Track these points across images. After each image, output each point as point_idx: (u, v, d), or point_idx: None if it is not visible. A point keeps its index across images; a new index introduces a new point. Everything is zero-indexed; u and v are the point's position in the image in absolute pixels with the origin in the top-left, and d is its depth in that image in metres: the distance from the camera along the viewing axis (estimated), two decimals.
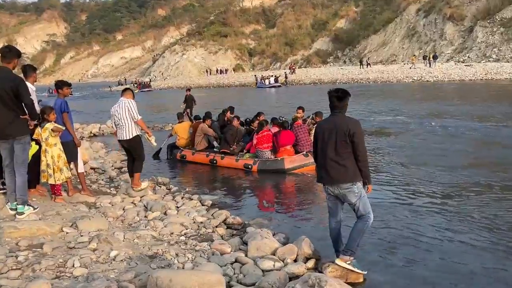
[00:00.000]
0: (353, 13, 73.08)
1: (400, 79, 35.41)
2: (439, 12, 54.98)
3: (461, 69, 36.21)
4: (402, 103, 19.40)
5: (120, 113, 6.64)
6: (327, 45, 71.67)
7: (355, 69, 49.11)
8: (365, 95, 25.57)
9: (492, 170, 7.58)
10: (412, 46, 56.30)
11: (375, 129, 12.79)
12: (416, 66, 41.13)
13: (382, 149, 10.09)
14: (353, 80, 38.68)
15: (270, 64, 77.14)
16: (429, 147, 9.95)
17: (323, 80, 41.63)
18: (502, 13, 48.58)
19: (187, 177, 9.27)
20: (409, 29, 58.34)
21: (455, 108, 16.34)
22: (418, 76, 35.18)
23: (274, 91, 37.40)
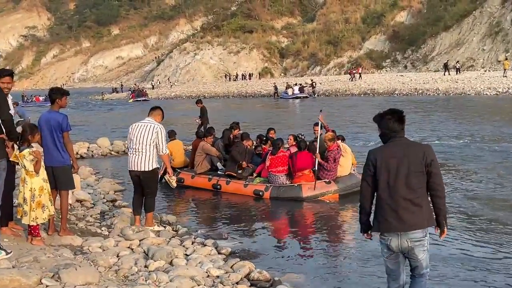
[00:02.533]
0: (418, 4, 73.15)
1: (479, 91, 35.03)
2: None
3: None
4: (479, 123, 19.18)
5: (143, 137, 6.90)
6: (382, 45, 71.80)
7: (420, 76, 48.87)
8: (430, 110, 25.39)
9: None
10: (496, 48, 55.76)
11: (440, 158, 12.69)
12: (508, 74, 40.58)
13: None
14: (417, 91, 38.52)
15: (308, 68, 77.61)
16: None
17: (376, 90, 41.58)
18: None
19: (187, 208, 9.52)
20: (492, 25, 57.88)
21: None
22: (504, 87, 34.72)
23: (299, 103, 37.83)
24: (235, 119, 12.95)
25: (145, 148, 6.89)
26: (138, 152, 6.93)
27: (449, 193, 9.22)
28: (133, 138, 6.98)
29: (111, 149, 16.50)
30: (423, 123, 20.24)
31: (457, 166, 11.89)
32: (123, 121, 25.75)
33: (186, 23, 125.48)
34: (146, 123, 7.02)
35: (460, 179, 10.51)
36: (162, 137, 6.94)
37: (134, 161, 7.00)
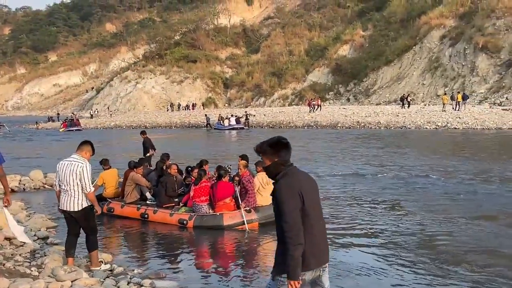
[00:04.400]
0: (360, 38, 75.63)
1: (419, 124, 36.32)
2: (469, 40, 57.40)
3: (497, 114, 37.41)
4: (417, 157, 19.85)
5: (69, 176, 6.78)
6: (326, 78, 73.57)
7: (362, 109, 50.27)
8: (369, 144, 26.09)
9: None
10: (435, 82, 58.19)
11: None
12: (446, 109, 42.36)
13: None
14: (359, 124, 39.52)
15: (252, 99, 78.44)
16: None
17: (319, 123, 42.40)
18: None
19: (119, 242, 9.58)
20: (431, 60, 60.48)
21: (486, 167, 16.80)
22: (443, 121, 36.17)
23: (235, 134, 38.22)
24: (174, 150, 13.08)
25: (72, 188, 6.78)
26: (66, 191, 6.82)
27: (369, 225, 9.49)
28: (61, 177, 6.86)
29: (44, 182, 15.99)
30: (361, 156, 20.76)
31: (382, 199, 12.23)
32: (59, 152, 25.12)
33: (127, 51, 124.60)
34: (71, 161, 6.86)
35: (386, 210, 10.85)
36: (87, 175, 6.79)
37: (63, 201, 6.89)
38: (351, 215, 10.66)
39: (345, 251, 8.29)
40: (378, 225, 9.75)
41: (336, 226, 9.78)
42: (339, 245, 8.52)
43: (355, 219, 10.32)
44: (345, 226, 9.81)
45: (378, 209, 11.12)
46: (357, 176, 15.56)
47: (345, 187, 13.79)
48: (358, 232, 9.37)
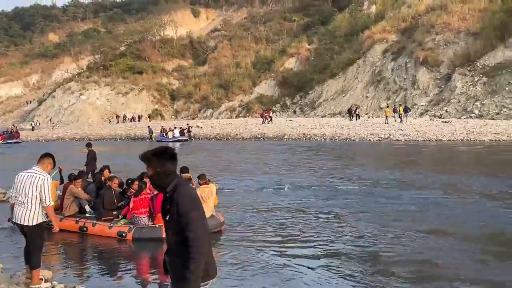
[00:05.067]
0: (306, 51, 76.86)
1: (363, 136, 37.03)
2: (411, 55, 59.24)
3: (437, 126, 38.60)
4: (366, 168, 20.21)
5: (28, 188, 6.59)
6: (272, 90, 74.21)
7: (308, 121, 50.87)
8: (319, 156, 26.40)
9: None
10: (378, 95, 59.65)
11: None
12: (389, 121, 43.42)
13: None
14: (305, 136, 39.93)
15: (199, 110, 78.17)
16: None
17: (266, 135, 42.60)
18: (483, 59, 53.21)
19: (58, 257, 9.38)
20: (375, 74, 62.00)
21: (420, 177, 17.26)
22: (385, 133, 37.02)
23: (179, 146, 37.99)
24: (116, 162, 12.84)
25: (30, 201, 6.59)
26: (22, 204, 6.62)
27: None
28: (19, 189, 6.65)
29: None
30: (314, 168, 20.96)
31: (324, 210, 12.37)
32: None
33: (71, 62, 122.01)
34: (32, 173, 6.67)
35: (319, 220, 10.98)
36: (47, 188, 6.62)
37: (17, 213, 6.67)
38: (295, 225, 10.69)
39: (286, 260, 8.30)
40: (321, 236, 9.81)
41: (280, 237, 9.80)
42: (278, 254, 8.54)
43: (300, 229, 10.36)
44: (288, 237, 9.84)
45: (323, 220, 11.20)
46: (308, 188, 15.65)
47: (296, 198, 13.84)
48: (300, 244, 9.40)
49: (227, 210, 12.24)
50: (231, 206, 12.88)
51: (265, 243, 9.46)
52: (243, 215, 11.96)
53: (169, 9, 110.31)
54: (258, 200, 13.85)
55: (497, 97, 48.93)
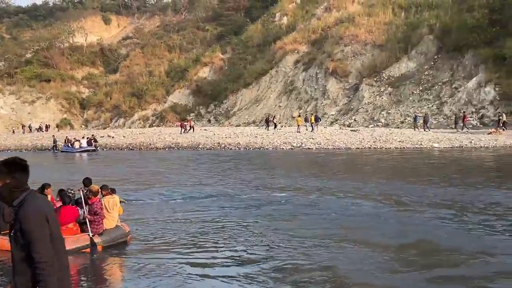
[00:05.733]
0: (220, 60, 77.17)
1: (276, 145, 37.62)
2: (321, 65, 61.00)
3: (346, 135, 39.92)
4: (277, 175, 20.51)
5: None
6: (186, 99, 73.86)
7: (222, 130, 51.00)
8: (235, 165, 26.53)
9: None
10: (291, 105, 60.91)
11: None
12: (301, 130, 44.36)
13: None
14: (219, 145, 40.00)
15: (111, 120, 76.34)
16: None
17: (181, 144, 42.28)
18: (389, 70, 55.76)
19: None
20: (287, 83, 63.28)
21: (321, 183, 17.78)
22: (298, 142, 37.80)
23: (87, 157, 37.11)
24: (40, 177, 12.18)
25: None
26: None
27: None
28: None
29: None
30: (230, 177, 20.99)
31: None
32: None
33: None
34: None
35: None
36: None
37: None
38: (206, 236, 10.64)
39: (191, 270, 8.26)
40: (231, 246, 9.80)
41: (188, 248, 9.72)
42: (184, 263, 8.47)
43: (210, 240, 10.32)
44: (195, 247, 9.77)
45: (235, 230, 11.22)
46: (226, 197, 15.63)
47: (207, 208, 13.76)
48: (208, 254, 9.36)
49: (136, 221, 12.03)
50: (140, 217, 12.66)
51: (172, 254, 9.41)
52: (152, 226, 11.78)
53: (78, 16, 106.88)
54: (169, 210, 13.69)
55: (401, 106, 51.40)
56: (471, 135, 37.22)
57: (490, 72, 47.56)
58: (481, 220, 11.07)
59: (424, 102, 50.68)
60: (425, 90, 51.94)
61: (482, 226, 10.51)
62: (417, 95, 51.92)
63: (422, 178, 18.61)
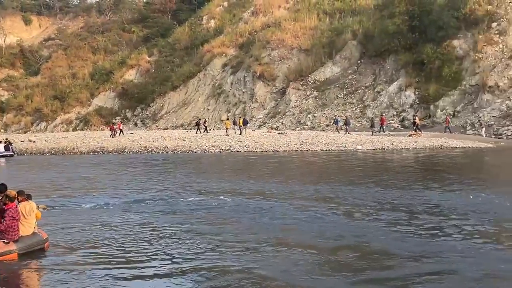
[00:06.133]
0: (146, 63, 76.06)
1: (205, 148, 37.45)
2: (248, 69, 61.39)
3: (274, 138, 40.31)
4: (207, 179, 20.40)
5: None
6: (112, 102, 72.28)
7: (149, 134, 50.22)
8: (150, 170, 26.17)
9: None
10: (219, 108, 60.93)
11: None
12: (229, 133, 44.38)
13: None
14: (146, 149, 39.33)
15: (32, 123, 73.51)
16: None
17: (106, 148, 41.22)
18: (314, 74, 56.91)
19: None
20: (215, 87, 63.28)
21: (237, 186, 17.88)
22: (226, 145, 37.79)
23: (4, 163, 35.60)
24: None
25: None
26: None
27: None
28: None
29: None
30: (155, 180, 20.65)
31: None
32: None
33: None
34: None
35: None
36: None
37: None
38: (126, 243, 10.37)
39: (107, 277, 8.04)
40: (156, 253, 9.59)
41: (106, 255, 9.46)
42: (99, 269, 8.24)
43: (132, 247, 10.08)
44: (114, 255, 9.51)
45: (162, 236, 11.01)
46: (157, 201, 15.31)
47: (130, 214, 13.45)
48: (127, 264, 9.14)
49: (61, 228, 11.58)
50: (66, 224, 12.17)
51: (95, 262, 9.05)
52: (77, 233, 11.31)
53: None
54: (97, 216, 13.24)
55: (327, 109, 52.59)
56: (392, 137, 38.57)
57: (410, 77, 49.53)
58: (413, 221, 11.30)
59: (348, 106, 52.08)
60: (349, 94, 53.40)
61: (415, 227, 10.71)
62: (342, 98, 53.29)
63: (351, 179, 18.99)
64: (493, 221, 11.10)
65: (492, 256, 8.36)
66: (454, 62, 47.89)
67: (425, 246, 9.09)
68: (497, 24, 48.14)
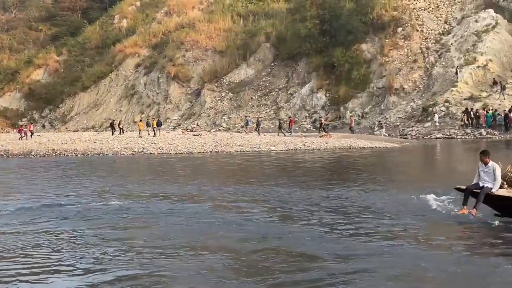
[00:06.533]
0: (55, 62, 73.08)
1: (117, 151, 36.44)
2: (162, 70, 60.58)
3: (189, 140, 39.96)
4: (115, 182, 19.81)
5: None
6: (18, 103, 68.97)
7: (58, 136, 48.28)
8: (61, 174, 25.18)
9: None
10: (132, 109, 59.68)
11: None
12: (143, 135, 43.51)
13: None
14: (54, 152, 37.72)
15: None
16: None
17: (11, 152, 39.13)
18: (229, 76, 57.08)
19: None
20: (128, 87, 61.90)
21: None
22: (139, 147, 36.99)
23: None
24: None
25: None
26: None
27: None
28: None
29: None
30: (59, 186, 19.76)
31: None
32: None
33: None
34: None
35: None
36: None
37: None
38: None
39: None
40: (52, 261, 9.12)
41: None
42: None
43: (37, 256, 9.53)
44: (20, 264, 8.97)
45: (60, 242, 10.49)
46: (66, 207, 14.53)
47: (23, 220, 12.74)
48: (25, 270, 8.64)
49: None
50: None
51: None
52: None
53: None
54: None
55: (242, 111, 52.87)
56: (304, 138, 39.34)
57: (321, 79, 50.83)
58: (333, 222, 11.29)
59: (262, 107, 52.67)
60: (263, 95, 54.03)
61: (334, 228, 10.65)
62: (256, 100, 53.81)
63: (269, 180, 18.95)
64: (409, 219, 11.39)
65: (409, 254, 8.55)
66: (362, 65, 49.71)
67: (345, 246, 9.12)
68: (402, 29, 50.46)
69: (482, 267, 7.61)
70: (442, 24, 51.42)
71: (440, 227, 10.69)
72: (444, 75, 45.97)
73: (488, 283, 6.99)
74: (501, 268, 7.51)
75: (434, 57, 48.16)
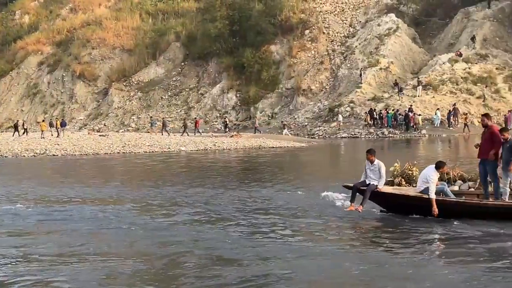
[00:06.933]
0: None
1: (17, 152, 34.51)
2: (67, 68, 58.23)
3: (95, 140, 38.63)
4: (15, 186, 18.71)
5: None
6: None
7: None
8: None
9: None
10: (35, 109, 56.94)
11: None
12: (45, 136, 41.60)
13: None
14: None
15: None
16: None
17: None
18: (138, 75, 55.83)
19: None
20: (30, 86, 59.02)
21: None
22: (41, 149, 35.25)
23: None
24: None
25: None
26: None
27: None
28: None
29: None
30: None
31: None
32: None
33: None
34: None
35: None
36: None
37: None
38: None
39: None
40: None
41: None
42: None
43: None
44: None
45: None
46: None
47: None
48: None
49: None
50: None
51: None
52: None
53: None
54: None
55: (151, 111, 51.89)
56: (214, 138, 39.22)
57: (231, 80, 50.93)
58: (248, 222, 11.08)
59: (173, 107, 52.00)
60: (174, 95, 53.35)
61: (251, 228, 10.45)
62: (166, 100, 53.03)
63: (181, 181, 18.56)
64: (312, 219, 11.45)
65: (323, 253, 8.56)
66: (271, 66, 50.34)
67: (262, 248, 9.00)
68: (310, 32, 51.59)
69: (371, 264, 7.77)
70: (347, 27, 53.10)
71: (338, 225, 10.86)
72: (349, 76, 47.46)
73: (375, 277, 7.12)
74: (389, 262, 7.75)
75: (339, 59, 49.61)
